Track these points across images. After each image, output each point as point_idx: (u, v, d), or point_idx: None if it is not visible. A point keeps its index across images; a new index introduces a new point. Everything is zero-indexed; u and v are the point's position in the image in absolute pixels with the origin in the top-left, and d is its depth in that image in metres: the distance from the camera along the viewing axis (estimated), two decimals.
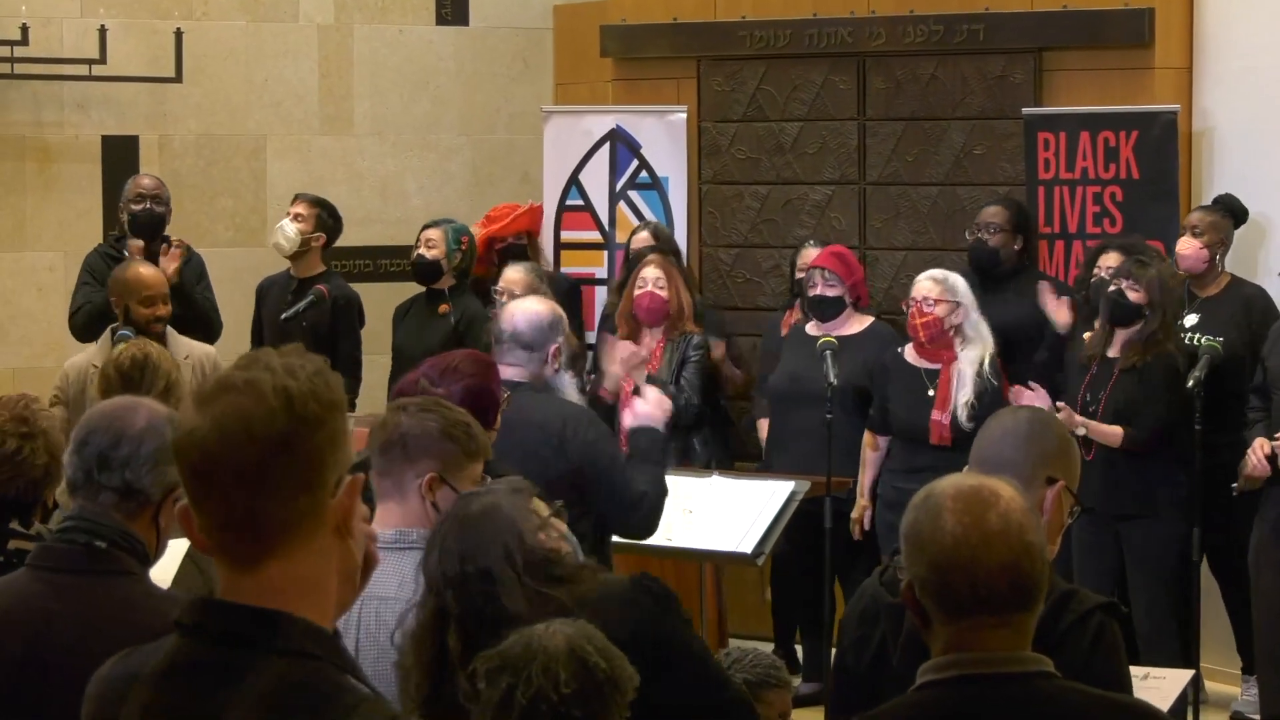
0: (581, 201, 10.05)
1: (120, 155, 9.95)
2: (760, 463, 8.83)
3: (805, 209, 9.65)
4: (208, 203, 10.19)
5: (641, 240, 9.21)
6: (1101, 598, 3.71)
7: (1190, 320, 8.06)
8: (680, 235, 9.75)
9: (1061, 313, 8.24)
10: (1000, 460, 3.78)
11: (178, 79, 10.00)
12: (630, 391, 6.36)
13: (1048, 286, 8.35)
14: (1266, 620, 7.60)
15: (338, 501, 2.40)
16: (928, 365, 8.10)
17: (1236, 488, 7.53)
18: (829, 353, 7.96)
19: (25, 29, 9.66)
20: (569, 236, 10.08)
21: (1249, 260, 8.58)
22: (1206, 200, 8.53)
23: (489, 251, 9.63)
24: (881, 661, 3.68)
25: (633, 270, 8.83)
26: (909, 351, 8.18)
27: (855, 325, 8.54)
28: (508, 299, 8.48)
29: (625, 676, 3.19)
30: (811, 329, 8.57)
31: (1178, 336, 7.86)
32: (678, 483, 6.05)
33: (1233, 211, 8.31)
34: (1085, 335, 8.02)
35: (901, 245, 9.45)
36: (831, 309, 8.51)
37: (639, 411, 5.93)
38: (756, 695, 4.65)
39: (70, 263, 9.54)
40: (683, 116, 9.86)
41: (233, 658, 2.36)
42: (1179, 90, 8.87)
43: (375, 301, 9.60)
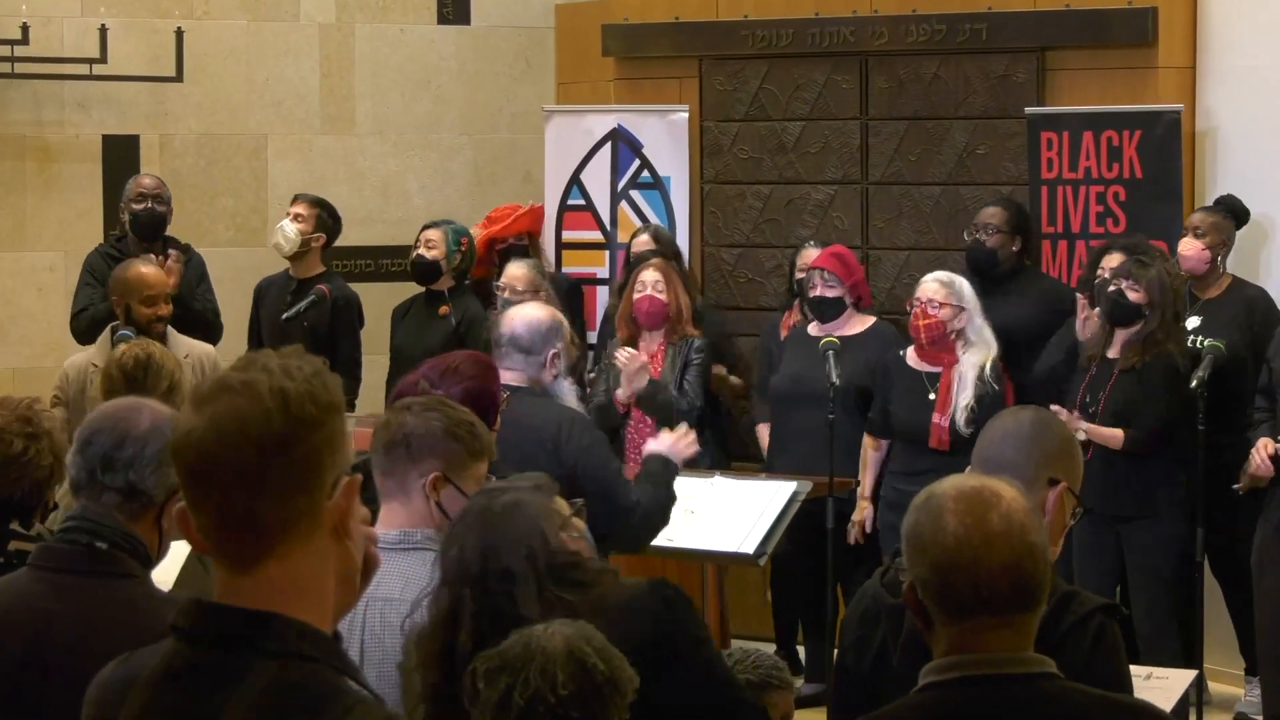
0: (583, 201, 10.04)
1: (121, 155, 9.94)
2: (761, 464, 8.81)
3: (808, 209, 9.63)
4: (208, 202, 10.18)
5: (642, 243, 9.19)
6: (1102, 599, 3.71)
7: (1193, 322, 8.04)
8: (682, 235, 9.74)
9: (1089, 325, 8.01)
10: (1002, 461, 3.78)
11: (178, 78, 9.99)
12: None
13: (1084, 301, 8.15)
14: (1270, 621, 7.58)
15: (335, 503, 2.39)
16: (929, 368, 8.09)
17: (1239, 487, 7.52)
18: (831, 353, 7.96)
19: (25, 28, 9.65)
20: (570, 236, 10.07)
21: (1251, 260, 8.56)
22: (1210, 200, 8.52)
23: (490, 252, 9.61)
24: (882, 663, 3.68)
25: (632, 273, 8.83)
26: (910, 354, 8.17)
27: (857, 325, 8.53)
28: (509, 294, 8.51)
29: (625, 678, 3.19)
30: (813, 329, 8.56)
31: (1178, 336, 7.83)
32: (680, 483, 6.05)
33: (1234, 212, 8.30)
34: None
35: (904, 245, 9.43)
36: (831, 310, 8.50)
37: (661, 440, 6.04)
38: (759, 696, 4.63)
39: (71, 263, 9.53)
40: (684, 116, 9.84)
41: (229, 661, 2.35)
42: (1182, 90, 8.86)
43: (376, 302, 9.59)
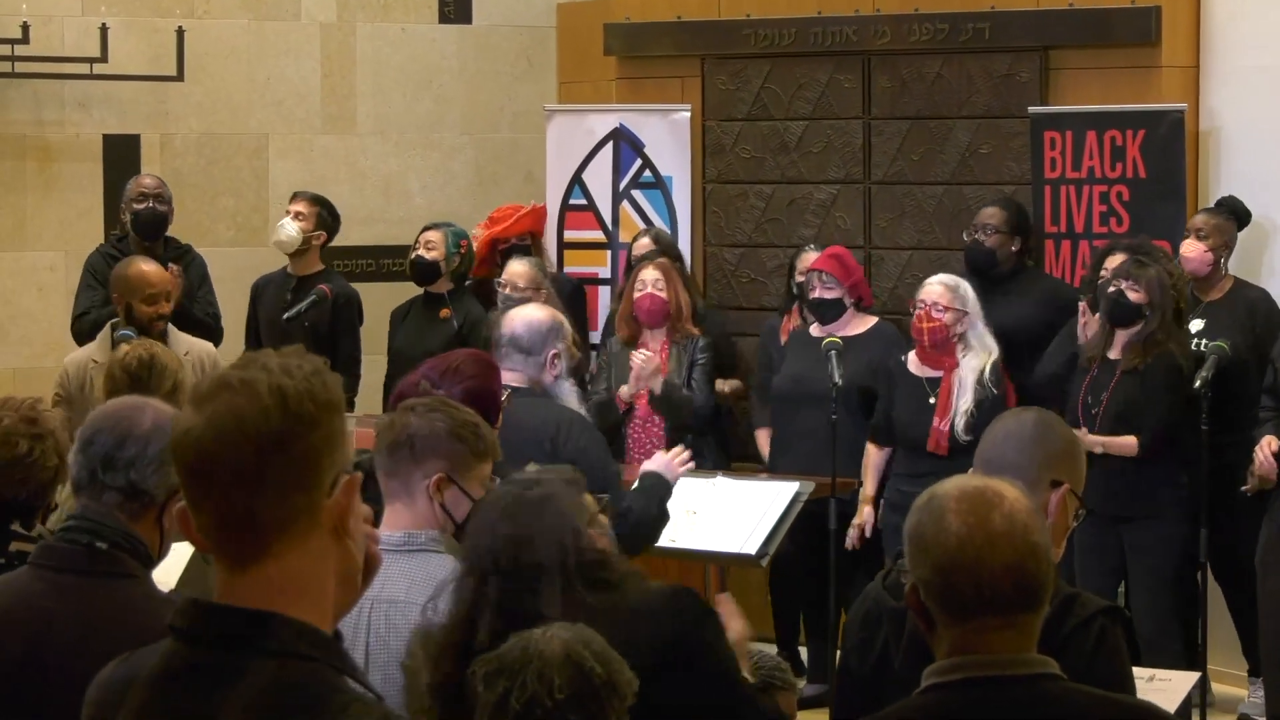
0: (585, 201, 10.02)
1: (121, 154, 9.92)
2: (761, 466, 8.79)
3: (810, 208, 9.61)
4: (209, 202, 10.16)
5: (643, 246, 9.19)
6: (1105, 602, 3.71)
7: (1196, 325, 8.02)
8: (684, 235, 9.73)
9: (1089, 328, 7.94)
10: (1004, 463, 3.77)
11: (179, 78, 9.97)
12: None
13: (1085, 306, 8.11)
14: (1274, 621, 7.56)
15: (334, 501, 2.38)
16: (930, 373, 8.09)
17: (1247, 489, 7.49)
18: (834, 353, 7.96)
19: (26, 27, 9.63)
20: (572, 236, 10.05)
21: (1253, 261, 8.55)
22: (1213, 200, 8.50)
23: (492, 252, 9.59)
24: (885, 665, 3.68)
25: (632, 272, 8.82)
26: (912, 360, 8.17)
27: (858, 326, 8.52)
28: (510, 291, 8.51)
29: (623, 681, 3.18)
30: (815, 330, 8.55)
31: (1179, 336, 7.81)
32: (682, 484, 6.06)
33: (1236, 213, 8.28)
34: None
35: (907, 245, 9.42)
36: (831, 311, 8.49)
37: (657, 459, 6.04)
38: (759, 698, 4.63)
39: (71, 262, 9.52)
40: (686, 115, 9.83)
41: (227, 660, 2.34)
42: (1186, 89, 8.84)
43: (377, 302, 9.58)
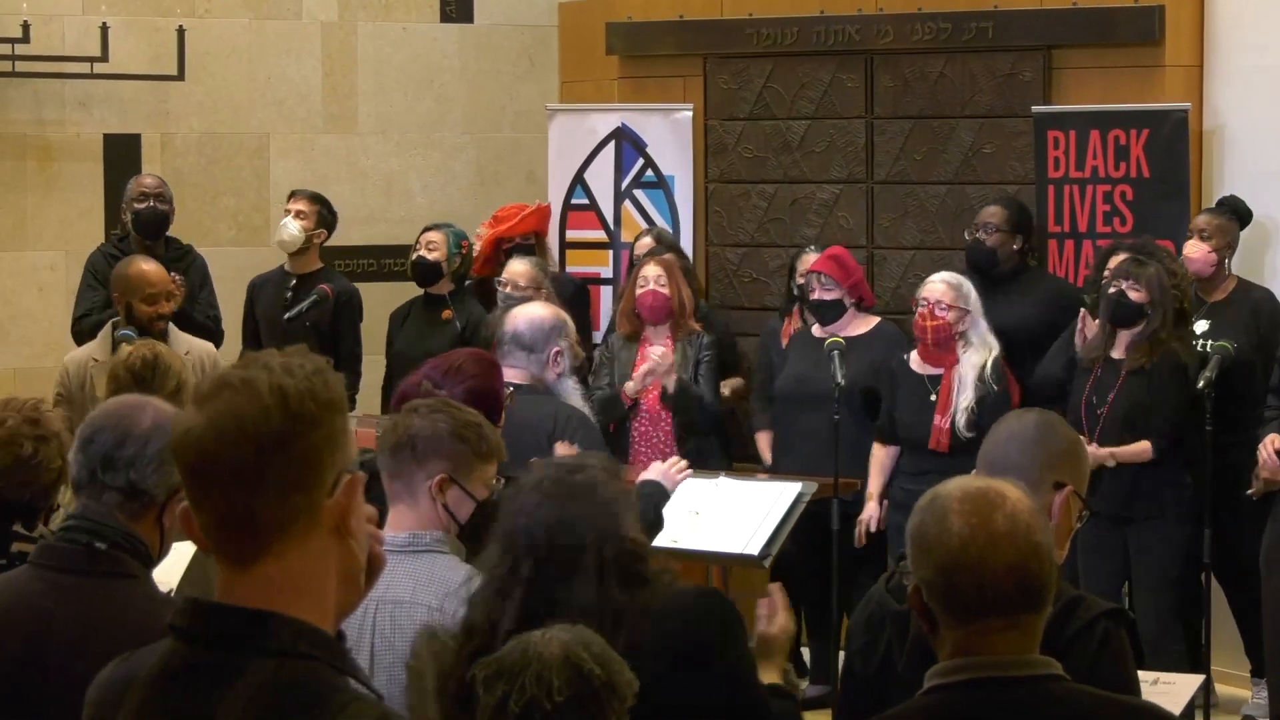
0: (586, 200, 10.01)
1: (122, 154, 9.91)
2: (762, 466, 8.77)
3: (812, 208, 9.60)
4: (210, 201, 10.15)
5: (645, 246, 9.20)
6: (1109, 604, 3.71)
7: (1200, 326, 8.00)
8: (686, 234, 9.72)
9: (1089, 331, 7.91)
10: (1007, 464, 3.76)
11: (180, 77, 9.97)
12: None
13: (1085, 312, 8.08)
14: (1277, 622, 7.54)
15: (335, 501, 2.38)
16: (931, 371, 8.09)
17: (1253, 492, 7.47)
18: (837, 353, 7.96)
19: (27, 26, 9.62)
20: (574, 236, 10.04)
21: (1256, 260, 8.54)
22: (1217, 199, 8.49)
23: (496, 252, 9.57)
24: (888, 667, 3.68)
25: (634, 269, 8.82)
26: (914, 359, 8.18)
27: (860, 326, 8.52)
28: (511, 290, 8.51)
29: (623, 682, 3.18)
30: (817, 331, 8.55)
31: (1182, 334, 7.79)
32: (684, 484, 6.05)
33: (1237, 213, 8.28)
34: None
35: (909, 244, 9.41)
36: (831, 312, 8.49)
37: (654, 469, 6.01)
38: None
39: (71, 262, 9.51)
40: (689, 115, 9.82)
41: (226, 660, 2.34)
42: (1189, 88, 8.83)
43: (378, 301, 9.57)
